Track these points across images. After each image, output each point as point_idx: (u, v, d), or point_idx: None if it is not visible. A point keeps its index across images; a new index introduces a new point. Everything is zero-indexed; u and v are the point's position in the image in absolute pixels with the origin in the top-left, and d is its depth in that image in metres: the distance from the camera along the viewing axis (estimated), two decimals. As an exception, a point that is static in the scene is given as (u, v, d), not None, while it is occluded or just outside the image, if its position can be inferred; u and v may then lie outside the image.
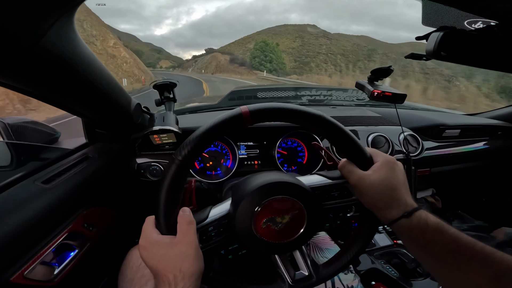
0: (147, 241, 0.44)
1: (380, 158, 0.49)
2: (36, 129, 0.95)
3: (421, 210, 0.44)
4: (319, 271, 0.53)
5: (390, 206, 0.45)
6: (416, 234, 0.43)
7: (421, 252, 0.44)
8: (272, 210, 0.46)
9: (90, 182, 0.77)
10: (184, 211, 0.45)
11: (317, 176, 0.54)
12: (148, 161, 0.98)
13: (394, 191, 0.46)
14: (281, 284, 0.52)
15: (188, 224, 0.44)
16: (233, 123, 0.43)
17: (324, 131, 0.46)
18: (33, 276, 0.56)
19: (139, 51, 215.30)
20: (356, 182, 0.48)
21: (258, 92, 1.55)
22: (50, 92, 0.58)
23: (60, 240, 0.63)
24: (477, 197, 1.68)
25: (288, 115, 0.44)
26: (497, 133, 1.48)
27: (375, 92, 0.87)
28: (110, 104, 0.74)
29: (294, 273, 0.52)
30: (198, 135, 0.42)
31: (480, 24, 0.46)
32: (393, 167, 0.47)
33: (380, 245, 1.06)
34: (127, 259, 0.75)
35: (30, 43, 0.42)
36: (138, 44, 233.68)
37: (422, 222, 0.43)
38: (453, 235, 0.41)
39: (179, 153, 0.42)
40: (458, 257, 0.39)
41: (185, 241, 0.43)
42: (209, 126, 0.42)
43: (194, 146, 0.42)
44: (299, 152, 1.15)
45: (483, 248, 0.38)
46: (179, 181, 0.43)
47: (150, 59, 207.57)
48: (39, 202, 0.60)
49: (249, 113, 0.42)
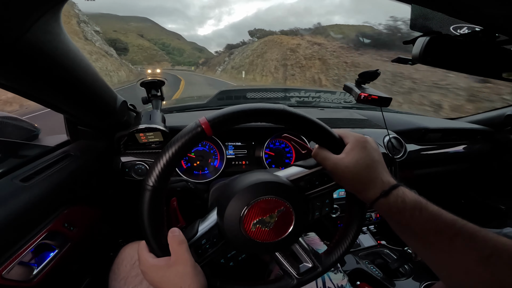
0: (145, 267, 0.44)
1: (350, 139, 0.47)
2: (15, 125, 0.91)
3: (399, 188, 0.43)
4: (322, 260, 0.54)
5: (368, 187, 0.44)
6: (394, 212, 0.41)
7: (403, 233, 0.43)
8: (258, 212, 0.46)
9: (71, 181, 0.75)
10: (173, 232, 0.45)
11: (295, 168, 0.54)
12: (133, 160, 0.96)
13: (369, 171, 0.44)
14: (288, 280, 0.52)
15: (179, 244, 0.44)
16: (194, 137, 0.42)
17: (288, 123, 0.46)
18: (11, 276, 0.54)
19: (180, 49, 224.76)
20: (332, 167, 0.46)
21: (247, 93, 1.55)
22: (32, 87, 0.57)
23: (39, 240, 0.61)
24: (457, 199, 1.74)
25: (249, 116, 0.44)
26: (477, 137, 1.54)
27: (362, 95, 0.89)
28: (95, 101, 0.72)
29: (298, 266, 0.53)
30: (163, 156, 0.41)
31: (465, 30, 0.47)
32: (365, 146, 0.46)
33: (365, 246, 1.08)
34: (120, 257, 0.73)
35: (14, 38, 0.41)
36: (182, 42, 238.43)
37: (399, 200, 0.41)
38: (432, 213, 0.39)
39: (149, 179, 0.41)
40: (439, 236, 0.38)
41: (180, 260, 0.43)
42: (171, 145, 0.41)
43: (162, 169, 0.41)
44: (286, 153, 1.15)
45: (465, 226, 0.37)
46: (157, 206, 0.43)
47: (191, 57, 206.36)
48: (17, 201, 0.58)
49: (208, 124, 0.41)
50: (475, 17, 0.38)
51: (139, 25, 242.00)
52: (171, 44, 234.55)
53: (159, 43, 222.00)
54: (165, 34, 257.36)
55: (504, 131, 1.54)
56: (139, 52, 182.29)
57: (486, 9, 0.34)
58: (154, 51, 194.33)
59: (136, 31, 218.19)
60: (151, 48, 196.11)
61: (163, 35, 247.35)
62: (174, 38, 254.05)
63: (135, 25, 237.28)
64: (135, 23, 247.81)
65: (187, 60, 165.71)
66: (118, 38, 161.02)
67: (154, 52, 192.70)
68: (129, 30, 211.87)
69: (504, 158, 1.56)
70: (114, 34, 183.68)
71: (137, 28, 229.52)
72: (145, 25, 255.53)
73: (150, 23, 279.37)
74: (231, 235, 0.46)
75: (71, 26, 30.94)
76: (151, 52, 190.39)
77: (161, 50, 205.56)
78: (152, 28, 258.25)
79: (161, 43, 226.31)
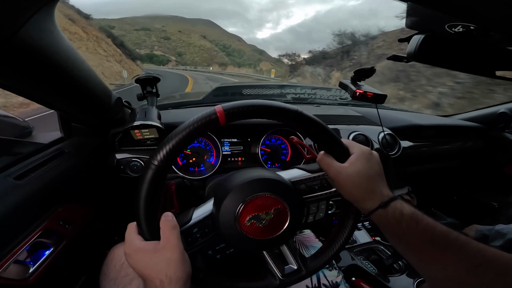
0: (131, 249, 0.43)
1: (356, 150, 0.49)
2: (8, 122, 0.90)
3: (397, 200, 0.45)
4: (307, 264, 0.54)
5: (367, 197, 0.46)
6: (392, 224, 0.43)
7: (399, 243, 0.45)
8: (255, 207, 0.47)
9: (66, 178, 0.74)
10: (167, 216, 0.44)
11: (297, 170, 0.55)
12: (128, 156, 0.95)
13: (370, 182, 0.46)
14: (271, 279, 0.52)
15: (171, 229, 0.43)
16: (208, 123, 0.42)
17: (301, 125, 0.46)
18: (6, 275, 0.54)
19: (241, 50, 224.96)
20: (334, 174, 0.48)
21: (243, 89, 1.55)
22: (25, 84, 0.56)
23: (34, 238, 0.61)
24: (449, 196, 1.76)
25: (264, 112, 0.44)
26: (469, 134, 1.56)
27: (357, 92, 0.89)
28: (89, 97, 0.72)
29: (284, 267, 0.53)
30: (173, 138, 0.41)
31: (460, 28, 0.48)
32: (369, 158, 0.48)
33: (360, 242, 1.10)
34: (109, 258, 0.72)
35: (7, 35, 0.40)
36: (241, 44, 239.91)
37: (397, 212, 0.43)
38: (427, 225, 0.41)
39: (155, 158, 0.41)
40: (433, 247, 0.40)
41: (169, 246, 0.42)
42: (183, 128, 0.41)
43: (170, 149, 0.41)
44: (282, 149, 1.16)
45: (458, 238, 0.39)
46: (157, 187, 0.42)
47: (251, 59, 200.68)
48: (11, 199, 0.58)
49: (223, 113, 0.42)
50: (469, 16, 0.38)
51: (203, 28, 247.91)
52: (232, 45, 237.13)
53: (220, 44, 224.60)
54: (226, 36, 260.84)
55: (497, 128, 1.56)
56: (199, 53, 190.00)
57: (480, 8, 0.34)
58: (215, 52, 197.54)
59: (200, 33, 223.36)
60: (212, 49, 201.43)
61: (224, 37, 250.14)
62: (235, 40, 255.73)
63: (200, 27, 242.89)
64: (200, 25, 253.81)
65: (247, 62, 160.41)
66: (181, 38, 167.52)
67: (214, 53, 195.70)
68: (193, 31, 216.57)
69: (496, 156, 1.59)
70: (178, 35, 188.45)
71: (201, 29, 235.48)
72: (208, 27, 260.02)
73: (212, 25, 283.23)
74: (224, 227, 0.47)
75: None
76: (212, 53, 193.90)
77: (221, 51, 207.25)
78: (214, 30, 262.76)
79: (222, 44, 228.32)
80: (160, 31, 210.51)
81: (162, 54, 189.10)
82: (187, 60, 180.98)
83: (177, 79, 25.16)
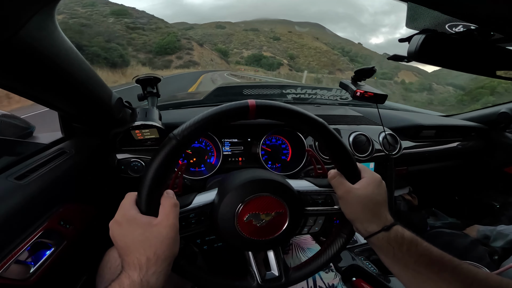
0: (124, 218, 0.42)
1: (367, 174, 0.52)
2: (9, 122, 0.90)
3: (398, 225, 0.48)
4: (289, 273, 0.54)
5: (372, 220, 0.49)
6: (393, 246, 0.47)
7: (397, 264, 0.48)
8: (257, 206, 0.47)
9: (67, 178, 0.74)
10: (169, 193, 0.44)
11: (305, 182, 0.56)
12: (129, 157, 0.95)
13: (377, 207, 0.49)
14: (250, 281, 0.52)
15: (172, 207, 0.42)
16: (238, 114, 0.43)
17: (322, 139, 0.48)
18: (8, 275, 0.54)
19: (367, 56, 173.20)
20: (344, 194, 0.50)
21: (244, 89, 1.55)
22: (25, 85, 0.56)
23: (35, 238, 0.61)
24: (451, 195, 1.76)
25: (291, 117, 0.46)
26: (471, 134, 1.56)
27: (357, 92, 0.89)
28: (89, 97, 0.72)
29: (265, 272, 0.53)
30: (203, 118, 0.42)
31: (461, 28, 0.48)
32: (379, 185, 0.51)
33: (360, 242, 1.09)
34: (105, 260, 0.72)
35: (7, 35, 0.40)
36: (363, 48, 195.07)
37: (399, 236, 0.47)
38: (425, 248, 0.45)
39: (180, 133, 0.41)
40: (430, 268, 0.44)
41: (167, 223, 0.41)
42: (215, 112, 0.42)
43: (196, 129, 0.41)
44: (283, 149, 1.16)
45: (451, 260, 0.43)
46: (173, 161, 0.42)
47: (385, 68, 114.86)
48: (12, 199, 0.58)
49: (255, 107, 0.43)
50: (470, 15, 0.38)
51: (312, 31, 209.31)
52: (352, 49, 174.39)
53: (338, 48, 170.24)
54: (339, 40, 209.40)
55: (498, 128, 1.56)
56: (316, 56, 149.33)
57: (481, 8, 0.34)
58: (335, 56, 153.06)
59: (311, 35, 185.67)
60: (330, 52, 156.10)
61: (338, 41, 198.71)
62: (353, 44, 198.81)
63: (308, 30, 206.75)
64: (309, 28, 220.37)
65: (381, 71, 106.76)
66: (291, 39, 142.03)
67: (335, 57, 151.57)
68: (304, 33, 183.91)
69: (497, 156, 1.58)
70: (288, 35, 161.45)
71: (310, 32, 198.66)
72: (317, 30, 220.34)
73: (321, 29, 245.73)
74: (222, 218, 0.47)
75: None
76: (332, 57, 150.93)
77: (342, 56, 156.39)
78: (323, 34, 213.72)
79: (340, 47, 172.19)
80: (269, 32, 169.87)
81: (272, 55, 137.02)
82: (301, 65, 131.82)
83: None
